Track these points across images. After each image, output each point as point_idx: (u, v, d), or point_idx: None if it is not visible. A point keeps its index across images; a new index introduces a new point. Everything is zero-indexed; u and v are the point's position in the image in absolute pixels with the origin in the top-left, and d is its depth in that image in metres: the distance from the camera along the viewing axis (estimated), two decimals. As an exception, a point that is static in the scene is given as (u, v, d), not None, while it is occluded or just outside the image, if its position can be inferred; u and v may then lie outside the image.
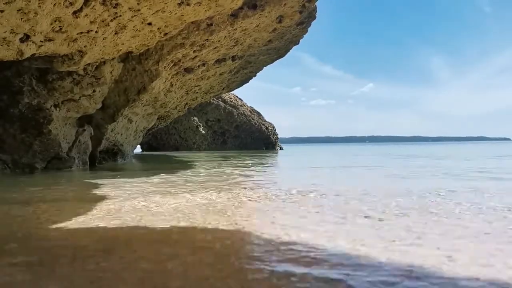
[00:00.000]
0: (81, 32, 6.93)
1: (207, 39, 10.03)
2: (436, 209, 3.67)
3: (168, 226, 2.99)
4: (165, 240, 2.62)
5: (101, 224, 3.08)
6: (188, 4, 7.47)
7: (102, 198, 4.56)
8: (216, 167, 10.86)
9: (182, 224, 3.05)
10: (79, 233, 2.85)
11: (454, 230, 2.78)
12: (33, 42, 6.41)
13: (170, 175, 8.05)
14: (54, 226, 3.05)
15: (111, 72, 10.06)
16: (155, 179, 7.09)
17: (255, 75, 17.00)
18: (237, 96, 37.99)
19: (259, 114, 39.27)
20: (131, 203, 4.14)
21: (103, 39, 7.54)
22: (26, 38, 6.25)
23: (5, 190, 5.90)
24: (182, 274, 1.87)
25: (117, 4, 6.56)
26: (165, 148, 35.77)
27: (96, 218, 3.33)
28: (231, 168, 9.93)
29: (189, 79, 13.05)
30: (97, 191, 5.25)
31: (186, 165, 12.22)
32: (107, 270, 1.96)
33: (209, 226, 2.94)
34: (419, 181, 6.71)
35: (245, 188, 5.55)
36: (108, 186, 5.84)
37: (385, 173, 8.38)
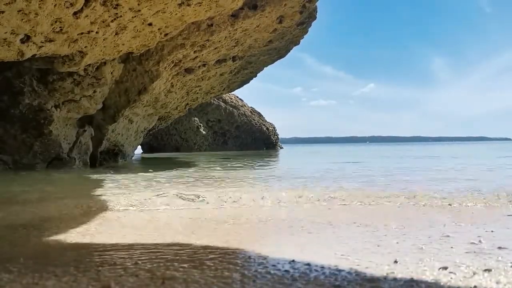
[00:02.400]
0: (82, 33, 6.93)
1: (208, 40, 10.03)
2: None
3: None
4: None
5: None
6: (189, 5, 7.47)
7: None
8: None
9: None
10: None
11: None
12: (33, 42, 6.41)
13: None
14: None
15: (111, 73, 10.06)
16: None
17: (255, 76, 16.98)
18: (237, 97, 37.99)
19: (259, 115, 39.28)
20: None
21: (104, 39, 7.54)
22: (26, 38, 6.25)
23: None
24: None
25: (117, 5, 6.56)
26: (165, 149, 35.73)
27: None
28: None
29: (190, 79, 13.05)
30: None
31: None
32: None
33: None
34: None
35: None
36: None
37: None
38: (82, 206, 4.15)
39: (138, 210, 3.99)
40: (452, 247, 2.44)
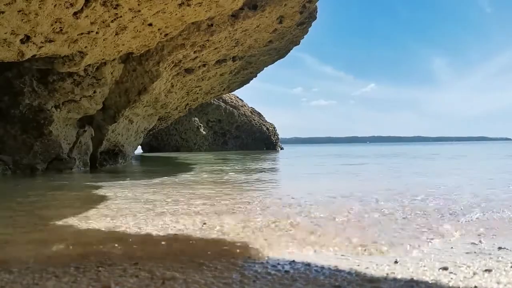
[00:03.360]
0: (82, 33, 6.93)
1: (208, 40, 10.03)
2: None
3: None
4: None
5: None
6: (189, 5, 7.46)
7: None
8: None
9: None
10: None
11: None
12: (33, 43, 6.41)
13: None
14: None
15: (111, 73, 10.06)
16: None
17: (255, 76, 16.98)
18: (237, 97, 37.99)
19: (260, 115, 39.28)
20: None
21: (104, 40, 7.54)
22: (26, 39, 6.25)
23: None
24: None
25: (117, 5, 6.55)
26: (165, 149, 35.76)
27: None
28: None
29: (190, 79, 13.04)
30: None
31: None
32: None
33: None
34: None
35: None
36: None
37: None
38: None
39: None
40: (452, 247, 2.43)
